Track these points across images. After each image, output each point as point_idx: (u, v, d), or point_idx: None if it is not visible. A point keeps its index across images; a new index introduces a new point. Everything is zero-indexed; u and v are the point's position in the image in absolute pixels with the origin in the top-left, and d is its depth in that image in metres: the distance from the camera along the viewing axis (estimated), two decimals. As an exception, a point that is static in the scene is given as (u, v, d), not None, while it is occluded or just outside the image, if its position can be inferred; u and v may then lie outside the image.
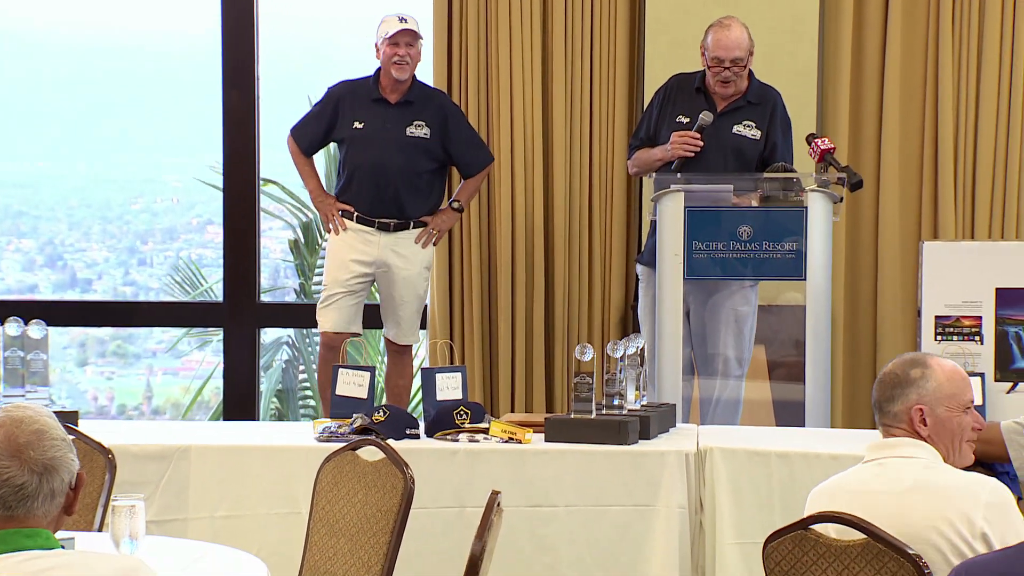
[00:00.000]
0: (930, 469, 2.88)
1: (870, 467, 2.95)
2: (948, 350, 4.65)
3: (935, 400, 2.94)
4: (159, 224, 8.65)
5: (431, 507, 4.17)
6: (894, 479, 2.87)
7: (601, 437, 4.26)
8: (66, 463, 2.27)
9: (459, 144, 5.81)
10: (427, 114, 5.75)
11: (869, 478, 2.91)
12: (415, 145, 5.73)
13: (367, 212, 5.74)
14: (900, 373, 2.97)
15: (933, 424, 2.94)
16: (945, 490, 2.81)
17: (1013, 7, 6.11)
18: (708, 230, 5.20)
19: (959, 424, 2.96)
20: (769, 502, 4.15)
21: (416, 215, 5.78)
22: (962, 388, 2.98)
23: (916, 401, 2.94)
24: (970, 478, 2.85)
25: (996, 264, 4.69)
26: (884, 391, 2.97)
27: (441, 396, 4.67)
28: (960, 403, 2.97)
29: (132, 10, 8.26)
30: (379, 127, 5.72)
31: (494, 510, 3.08)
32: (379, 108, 5.75)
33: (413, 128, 5.74)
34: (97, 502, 3.62)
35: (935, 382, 2.95)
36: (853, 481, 2.94)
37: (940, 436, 2.95)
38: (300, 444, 4.39)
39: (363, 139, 5.73)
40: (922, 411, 2.94)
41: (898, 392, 2.95)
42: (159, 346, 8.68)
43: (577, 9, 6.29)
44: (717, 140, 5.52)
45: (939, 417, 2.94)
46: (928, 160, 6.21)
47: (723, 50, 5.47)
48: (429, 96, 5.82)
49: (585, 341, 5.74)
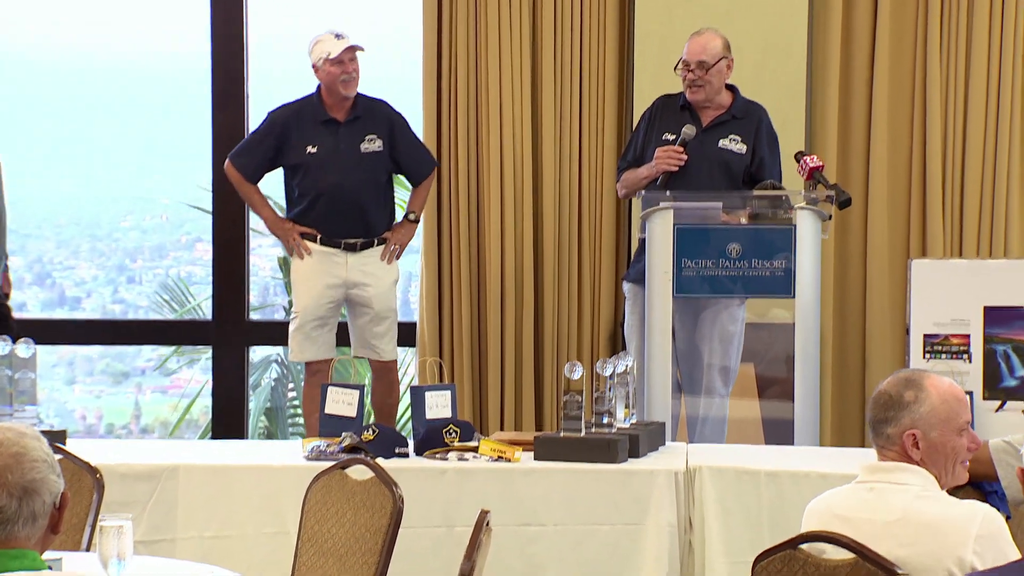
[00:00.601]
0: (921, 499, 2.84)
1: (862, 491, 2.92)
2: (936, 368, 4.65)
3: (929, 424, 2.90)
4: (148, 242, 8.64)
5: (420, 526, 4.16)
6: (883, 508, 2.84)
7: (590, 455, 4.26)
8: (48, 484, 2.26)
9: (406, 152, 5.78)
10: (376, 127, 5.71)
11: (858, 504, 2.89)
12: (371, 160, 5.69)
13: (332, 234, 5.68)
14: (894, 394, 2.92)
15: (926, 448, 2.90)
16: (934, 524, 2.78)
17: (1000, 26, 6.14)
18: (697, 248, 5.21)
19: (953, 447, 2.92)
20: (758, 521, 4.14)
21: (379, 232, 5.75)
22: (957, 410, 2.93)
23: (909, 425, 2.89)
24: (961, 510, 2.81)
25: (984, 282, 4.70)
26: (878, 412, 2.93)
27: (430, 414, 4.67)
28: (955, 427, 2.92)
29: (122, 30, 8.27)
30: (333, 148, 5.67)
31: (483, 529, 3.07)
32: (330, 129, 5.69)
33: (366, 143, 5.71)
34: (85, 522, 3.61)
35: (929, 406, 2.90)
36: (844, 505, 2.92)
37: (933, 460, 2.91)
38: (289, 463, 4.38)
39: (320, 162, 5.67)
40: (915, 436, 2.89)
41: (892, 415, 2.91)
42: (148, 364, 8.67)
43: (566, 29, 6.31)
44: (703, 154, 5.54)
45: (932, 441, 2.90)
46: (916, 178, 6.23)
47: (689, 53, 5.52)
48: (375, 107, 5.76)
49: (574, 359, 5.74)
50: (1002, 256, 6.03)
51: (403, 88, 5.94)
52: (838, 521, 2.86)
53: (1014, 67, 6.13)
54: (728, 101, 5.61)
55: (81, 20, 8.04)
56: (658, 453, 4.52)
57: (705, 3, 6.17)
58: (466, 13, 6.32)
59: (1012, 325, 4.64)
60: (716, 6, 6.16)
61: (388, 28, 5.79)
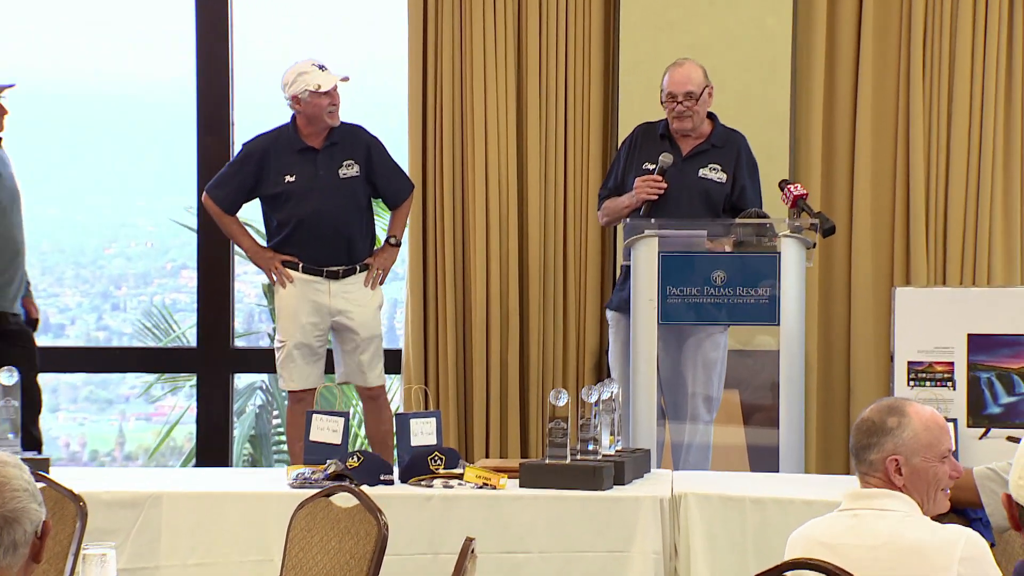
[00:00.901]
0: (905, 524, 2.86)
1: (845, 518, 2.93)
2: (921, 395, 4.66)
3: (911, 450, 2.92)
4: (133, 269, 8.63)
5: (405, 553, 4.15)
6: (868, 533, 2.85)
7: (576, 483, 4.25)
8: (28, 513, 2.24)
9: (384, 176, 5.76)
10: (354, 152, 5.69)
11: (843, 531, 2.90)
12: (350, 186, 5.68)
13: (314, 261, 5.66)
14: (877, 421, 2.95)
15: (909, 474, 2.92)
16: (918, 549, 2.79)
17: (983, 52, 6.18)
18: (682, 275, 5.22)
19: (935, 474, 2.94)
20: (743, 548, 4.14)
21: (362, 257, 5.75)
22: (939, 437, 2.96)
23: (892, 451, 2.92)
24: (945, 534, 2.83)
25: (968, 310, 4.72)
26: (861, 438, 2.96)
27: (415, 441, 4.66)
28: (937, 453, 2.95)
29: (107, 56, 8.27)
30: (312, 176, 5.65)
31: (468, 556, 3.07)
32: (307, 157, 5.67)
33: (344, 169, 5.69)
34: (68, 550, 3.59)
35: (911, 432, 2.93)
36: (828, 533, 2.92)
37: (915, 486, 2.93)
38: (273, 490, 4.36)
39: (299, 191, 5.64)
40: (897, 461, 2.92)
41: (874, 440, 2.93)
42: (132, 391, 8.64)
43: (551, 55, 6.33)
44: (684, 184, 5.55)
45: (915, 467, 2.92)
46: (900, 206, 6.25)
47: (675, 85, 5.53)
48: (351, 133, 5.74)
49: (560, 386, 5.74)
50: (985, 284, 6.06)
51: (388, 113, 5.94)
52: (823, 548, 2.86)
53: (996, 95, 6.17)
54: (708, 129, 5.64)
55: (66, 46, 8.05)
56: (643, 480, 4.52)
57: (689, 30, 6.20)
58: (451, 38, 6.34)
59: (996, 352, 4.65)
60: (700, 32, 6.19)
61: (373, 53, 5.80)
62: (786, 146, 6.21)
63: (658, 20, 6.22)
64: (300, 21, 8.27)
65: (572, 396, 4.35)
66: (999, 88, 6.17)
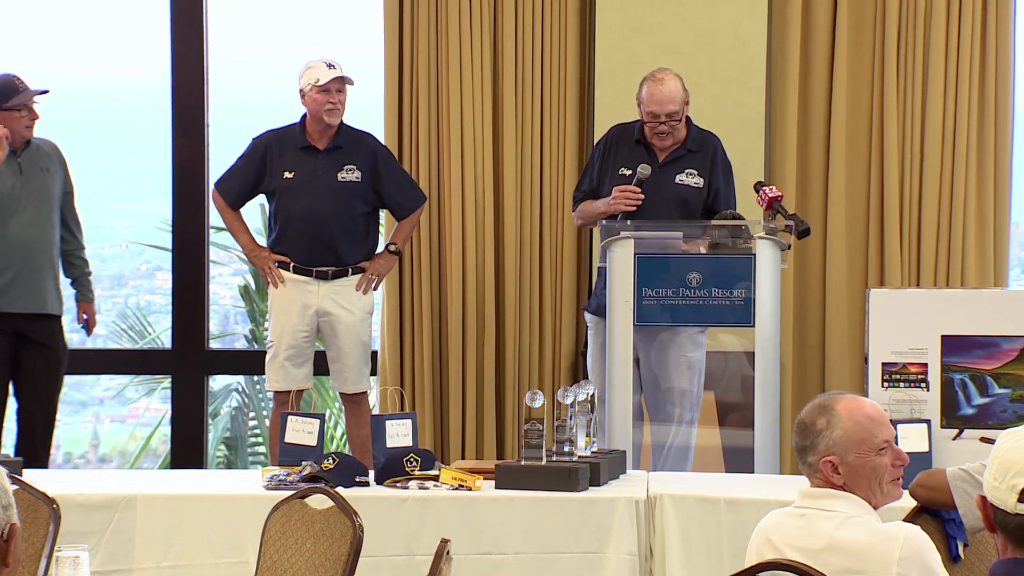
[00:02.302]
0: (845, 527, 2.85)
1: (795, 516, 2.94)
2: (895, 397, 4.68)
3: (844, 449, 2.90)
4: (107, 271, 8.59)
5: (380, 555, 4.14)
6: (811, 536, 2.87)
7: (551, 484, 4.25)
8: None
9: (390, 185, 5.77)
10: (357, 158, 5.71)
11: (793, 531, 2.91)
12: (347, 190, 5.68)
13: (303, 262, 5.67)
14: (808, 423, 2.94)
15: (846, 472, 2.90)
16: (858, 551, 2.80)
17: (956, 55, 6.21)
18: (658, 277, 5.23)
19: (874, 468, 2.91)
20: (719, 548, 4.15)
21: (353, 261, 5.74)
22: (871, 431, 2.91)
23: (825, 452, 2.90)
24: (883, 534, 2.83)
25: (942, 311, 4.73)
26: (798, 440, 2.96)
27: (391, 443, 4.65)
28: (872, 447, 2.91)
29: (80, 56, 8.24)
30: (310, 175, 5.66)
31: (443, 558, 3.06)
32: (308, 156, 5.69)
33: (344, 173, 5.70)
34: (41, 553, 3.57)
35: (841, 430, 2.90)
36: (778, 533, 2.93)
37: (857, 483, 2.91)
38: (248, 492, 4.35)
39: (295, 188, 5.66)
40: (832, 462, 2.90)
41: (809, 443, 2.93)
42: (106, 393, 8.60)
43: (527, 58, 6.34)
44: (660, 191, 5.55)
45: (851, 465, 2.90)
46: (874, 208, 6.28)
47: (657, 104, 5.51)
48: (358, 139, 5.76)
49: (536, 387, 5.74)
50: (959, 285, 6.09)
51: (364, 116, 5.93)
52: (771, 549, 2.88)
53: (969, 98, 6.20)
54: (683, 134, 5.63)
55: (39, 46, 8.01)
56: (619, 481, 4.52)
57: (665, 33, 6.22)
58: (427, 41, 6.34)
59: (969, 354, 4.67)
60: (675, 36, 6.21)
61: (350, 56, 5.80)
62: (761, 148, 6.23)
63: (634, 23, 6.23)
64: (276, 24, 8.25)
65: (548, 397, 4.36)
66: (972, 91, 6.20)
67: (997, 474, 2.32)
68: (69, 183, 5.77)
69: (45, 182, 5.62)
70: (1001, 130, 6.20)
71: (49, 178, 5.64)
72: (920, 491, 3.43)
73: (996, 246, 6.22)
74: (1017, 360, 4.68)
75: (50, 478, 4.45)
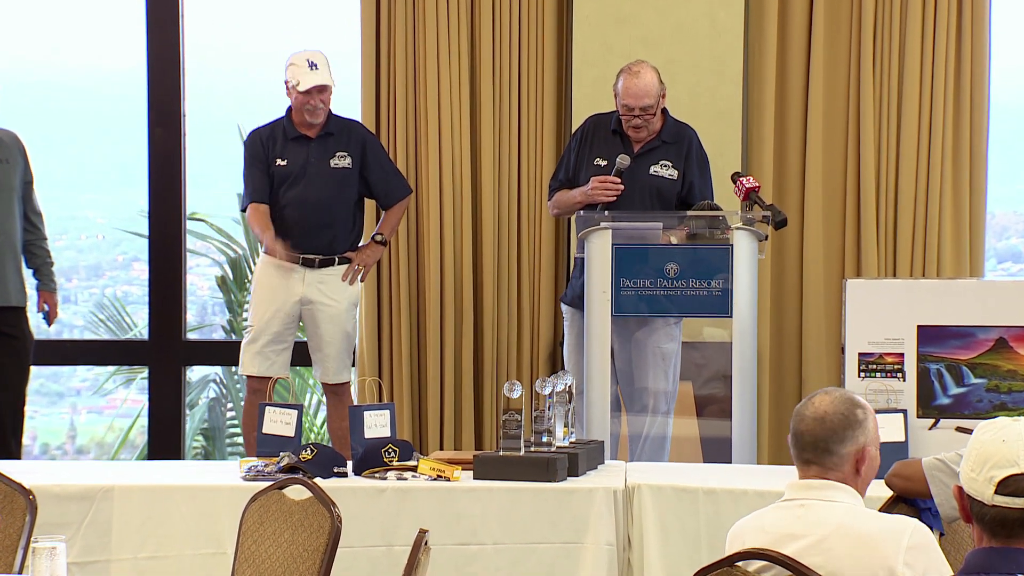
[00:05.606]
0: (852, 514, 2.87)
1: (792, 508, 2.93)
2: (871, 387, 4.70)
3: (872, 441, 2.95)
4: (84, 261, 8.55)
5: (358, 546, 4.14)
6: (816, 522, 2.86)
7: (529, 474, 4.26)
8: None
9: (378, 174, 5.76)
10: (348, 144, 5.70)
11: (792, 520, 2.89)
12: (341, 176, 5.68)
13: (293, 247, 5.66)
14: (847, 414, 2.92)
15: (867, 465, 2.95)
16: (866, 538, 2.81)
17: (932, 47, 6.23)
18: (635, 267, 5.23)
19: (878, 463, 2.98)
20: (696, 539, 4.16)
21: (342, 250, 5.73)
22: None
23: (864, 443, 2.93)
24: (892, 523, 2.85)
25: (918, 302, 4.75)
26: (834, 431, 2.91)
27: (369, 434, 4.65)
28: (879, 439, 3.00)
29: (55, 45, 8.19)
30: (302, 162, 5.66)
31: (422, 549, 3.07)
32: (300, 143, 5.69)
33: (336, 159, 5.70)
34: (17, 544, 3.56)
35: (872, 422, 2.95)
36: (774, 522, 2.92)
37: (869, 475, 2.96)
38: (226, 483, 4.35)
39: (288, 175, 5.66)
40: (868, 452, 2.94)
41: (849, 434, 2.91)
42: (83, 384, 8.57)
43: (504, 47, 6.33)
44: (635, 182, 5.56)
45: (871, 457, 2.95)
46: (851, 199, 6.30)
47: (632, 98, 5.50)
48: (347, 126, 5.76)
49: (514, 378, 5.74)
50: (935, 276, 6.11)
51: (341, 106, 5.92)
52: (769, 538, 2.87)
53: (945, 89, 6.22)
54: (659, 125, 5.63)
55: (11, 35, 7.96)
56: (597, 472, 4.53)
57: (641, 24, 6.22)
58: (404, 31, 6.33)
59: (945, 344, 4.69)
60: (652, 27, 6.21)
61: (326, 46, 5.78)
62: (738, 140, 6.24)
63: (611, 14, 6.23)
64: (252, 14, 8.22)
65: (526, 388, 4.36)
66: (948, 82, 6.22)
67: (975, 465, 2.33)
68: (29, 173, 5.73)
69: (6, 173, 5.59)
70: (976, 120, 6.23)
71: (9, 169, 5.60)
72: (896, 481, 3.44)
73: (972, 237, 6.25)
74: (993, 350, 4.70)
75: (26, 469, 4.44)
